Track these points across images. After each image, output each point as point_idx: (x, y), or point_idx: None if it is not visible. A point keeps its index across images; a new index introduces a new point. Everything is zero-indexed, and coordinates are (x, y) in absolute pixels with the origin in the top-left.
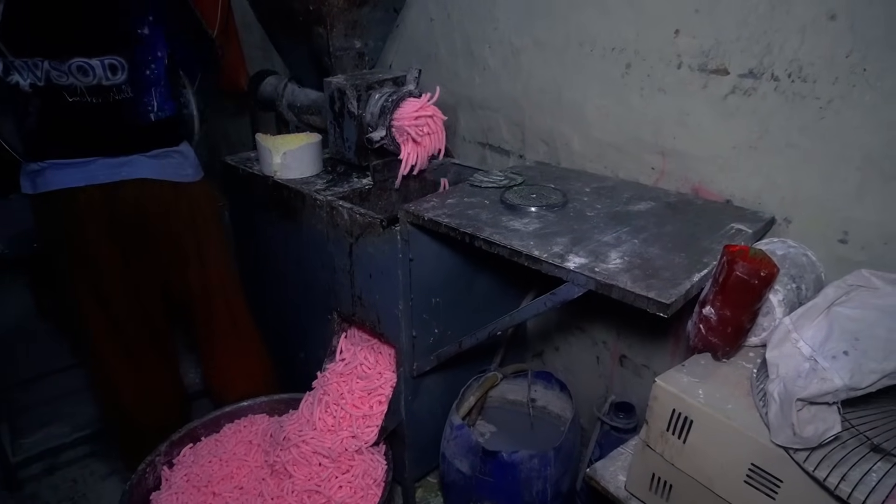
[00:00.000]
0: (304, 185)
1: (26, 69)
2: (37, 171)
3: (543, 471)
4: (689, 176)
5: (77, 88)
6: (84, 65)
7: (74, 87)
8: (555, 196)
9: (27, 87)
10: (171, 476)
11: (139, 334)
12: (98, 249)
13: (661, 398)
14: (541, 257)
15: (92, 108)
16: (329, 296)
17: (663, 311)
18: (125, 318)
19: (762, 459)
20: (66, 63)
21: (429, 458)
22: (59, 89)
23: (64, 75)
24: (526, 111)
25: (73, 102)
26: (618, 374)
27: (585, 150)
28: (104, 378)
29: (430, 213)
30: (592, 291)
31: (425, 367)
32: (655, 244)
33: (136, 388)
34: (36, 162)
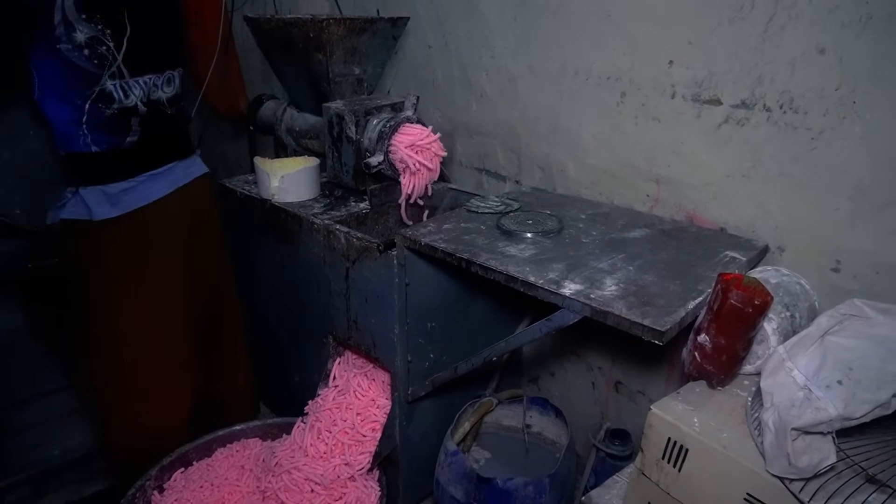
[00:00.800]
0: (301, 209)
1: (137, 87)
2: (126, 190)
3: (539, 498)
4: (684, 203)
5: (165, 100)
6: (171, 76)
7: (163, 100)
8: (550, 222)
9: (141, 105)
10: (161, 502)
11: (182, 347)
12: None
13: (657, 426)
14: (536, 283)
15: (172, 117)
16: (324, 319)
17: (658, 339)
18: (176, 331)
19: (757, 489)
20: (161, 76)
21: (423, 484)
22: (156, 103)
23: (158, 88)
24: (522, 137)
25: (167, 114)
26: (613, 400)
27: (581, 177)
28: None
29: (426, 239)
30: (588, 318)
31: (420, 392)
32: (650, 271)
33: (166, 406)
34: (125, 181)
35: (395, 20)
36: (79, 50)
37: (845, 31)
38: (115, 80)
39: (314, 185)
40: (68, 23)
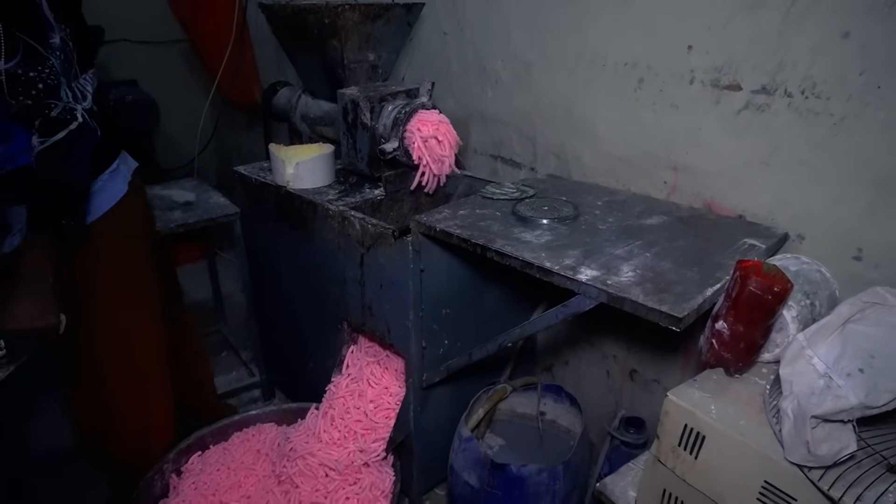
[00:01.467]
0: (316, 195)
1: (88, 83)
2: (94, 192)
3: (552, 485)
4: (702, 191)
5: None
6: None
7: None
8: (566, 209)
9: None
10: (179, 484)
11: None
12: (144, 258)
13: (673, 413)
14: (552, 269)
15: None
16: (339, 306)
17: (675, 325)
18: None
19: (775, 477)
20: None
21: (437, 470)
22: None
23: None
24: (537, 125)
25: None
26: (627, 389)
27: (597, 164)
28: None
29: (441, 224)
30: (604, 304)
31: (434, 379)
32: (667, 258)
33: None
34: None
35: (410, 6)
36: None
37: (870, 15)
38: (75, 80)
39: (329, 172)
40: (49, 27)
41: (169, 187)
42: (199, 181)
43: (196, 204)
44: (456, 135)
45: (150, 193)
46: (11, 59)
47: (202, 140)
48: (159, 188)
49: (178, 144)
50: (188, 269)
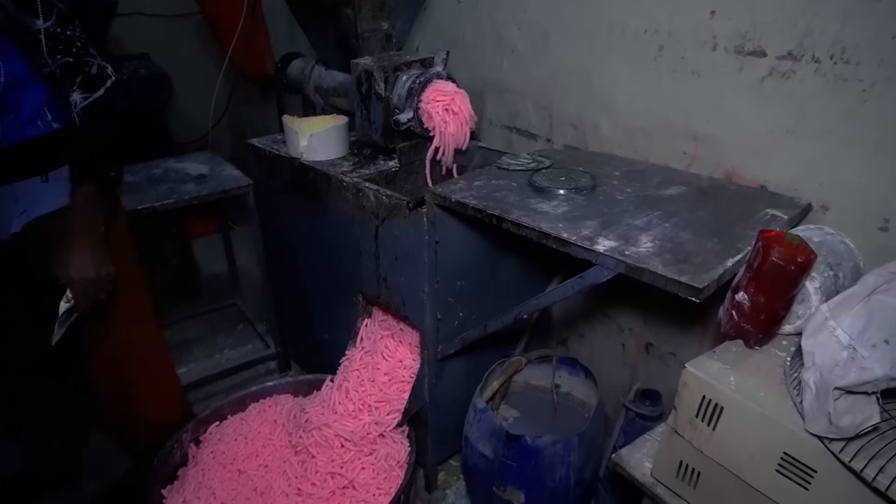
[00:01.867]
0: (330, 167)
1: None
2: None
3: (567, 456)
4: (722, 161)
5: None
6: None
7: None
8: (584, 179)
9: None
10: (197, 453)
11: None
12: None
13: (691, 384)
14: (570, 240)
15: None
16: (354, 278)
17: (695, 296)
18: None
19: (795, 449)
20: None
21: (451, 441)
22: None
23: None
24: (554, 95)
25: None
26: (643, 362)
27: (614, 135)
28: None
29: (457, 195)
30: (621, 276)
31: (449, 351)
32: (687, 229)
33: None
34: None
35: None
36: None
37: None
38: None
39: (343, 144)
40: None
41: (183, 160)
42: (212, 154)
43: (210, 176)
44: (471, 107)
45: (165, 167)
46: (48, 18)
47: (215, 114)
48: (173, 161)
49: (191, 118)
50: (203, 242)
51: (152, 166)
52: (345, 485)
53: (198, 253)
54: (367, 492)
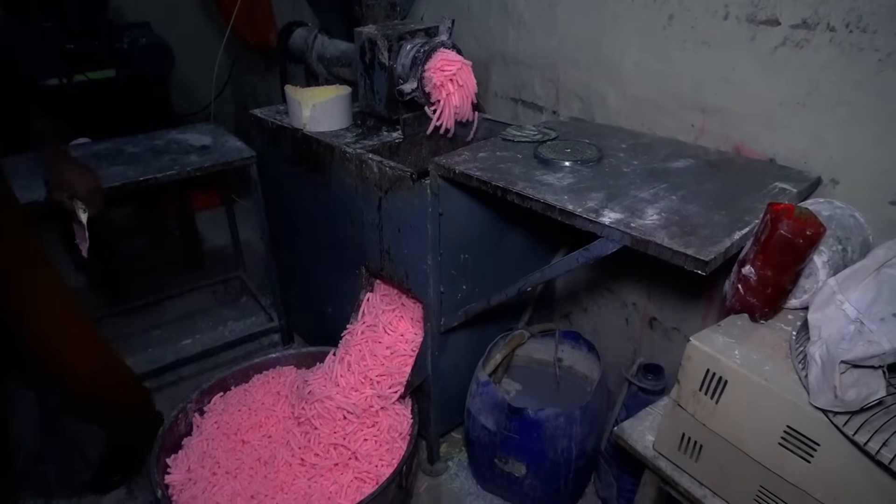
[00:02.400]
0: (333, 139)
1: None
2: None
3: (569, 429)
4: (731, 134)
5: None
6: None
7: None
8: (590, 151)
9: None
10: (202, 423)
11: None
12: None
13: (695, 358)
14: (575, 212)
15: None
16: (357, 250)
17: (701, 269)
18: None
19: (799, 422)
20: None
21: (453, 414)
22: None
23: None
24: (561, 66)
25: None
26: (647, 336)
27: (622, 107)
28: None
29: (461, 167)
30: (627, 249)
31: (452, 324)
32: (694, 201)
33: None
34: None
35: None
36: None
37: None
38: None
39: (346, 115)
40: None
41: (185, 131)
42: (215, 125)
43: (213, 148)
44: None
45: (167, 138)
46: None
47: (218, 85)
48: (176, 132)
49: (193, 89)
50: (206, 215)
51: (154, 137)
52: (348, 456)
53: (201, 226)
54: (369, 463)
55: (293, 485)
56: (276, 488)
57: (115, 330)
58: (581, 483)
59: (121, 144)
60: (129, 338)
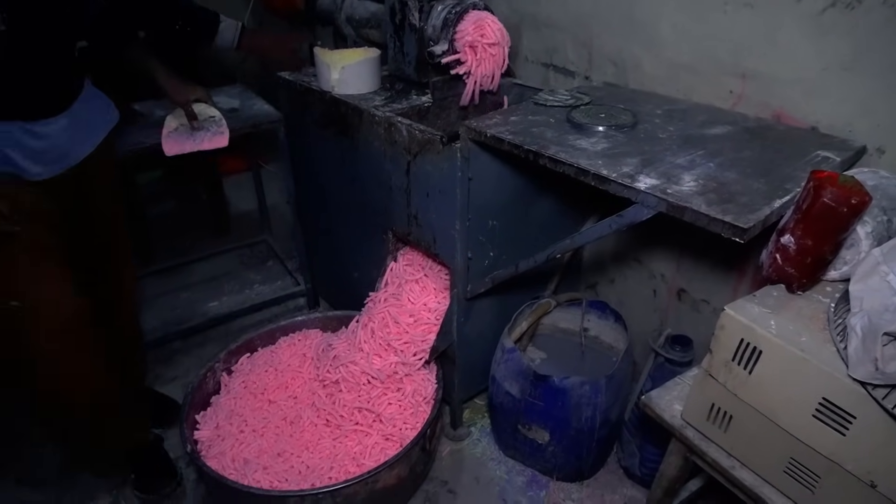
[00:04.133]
0: (361, 101)
1: None
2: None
3: (594, 398)
4: (771, 101)
5: None
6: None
7: None
8: (624, 116)
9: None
10: (229, 382)
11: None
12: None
13: (729, 327)
14: (609, 177)
15: None
16: (384, 215)
17: (739, 237)
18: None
19: (835, 394)
20: None
21: (477, 380)
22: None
23: None
24: (594, 30)
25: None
26: (674, 308)
27: (657, 72)
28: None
29: (492, 130)
30: (658, 218)
31: (479, 290)
32: (732, 169)
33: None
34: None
35: None
36: None
37: None
38: None
39: (375, 77)
40: None
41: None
42: (243, 88)
43: (240, 111)
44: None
45: None
46: None
47: None
48: None
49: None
50: (233, 180)
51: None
52: (372, 419)
53: (228, 190)
54: (393, 426)
55: (318, 444)
56: (302, 447)
57: (144, 291)
58: (603, 452)
59: (150, 107)
60: (157, 299)
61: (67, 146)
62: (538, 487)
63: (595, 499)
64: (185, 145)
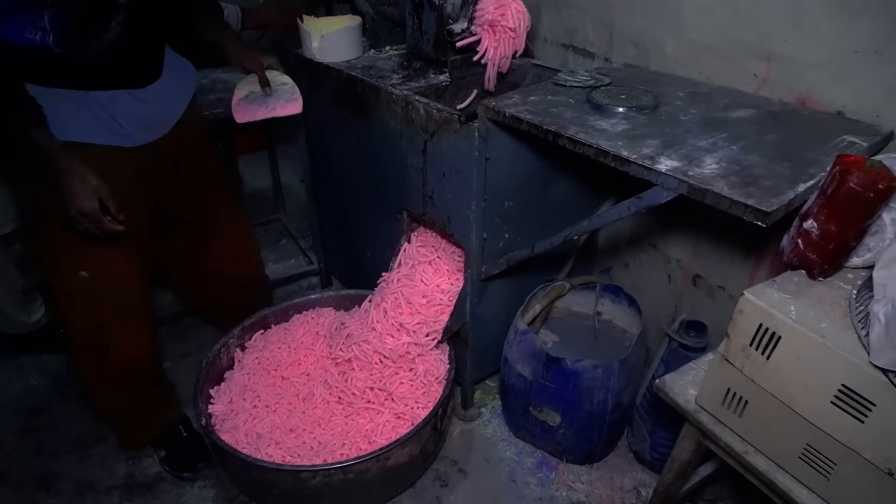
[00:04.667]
0: (378, 80)
1: None
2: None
3: (606, 381)
4: (796, 84)
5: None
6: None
7: None
8: (645, 98)
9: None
10: (243, 358)
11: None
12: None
13: (748, 312)
14: (630, 158)
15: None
16: (399, 195)
17: (762, 221)
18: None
19: (855, 381)
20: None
21: (489, 362)
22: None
23: None
24: (616, 9)
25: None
26: (689, 294)
27: (679, 54)
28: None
29: (511, 110)
30: (677, 203)
31: (493, 271)
32: (755, 152)
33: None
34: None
35: None
36: None
37: None
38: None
39: (356, 46)
40: None
41: (231, 71)
42: None
43: None
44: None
45: (212, 77)
46: None
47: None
48: (220, 72)
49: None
50: (249, 158)
51: (200, 76)
52: (384, 397)
53: (242, 169)
54: (405, 404)
55: (330, 421)
56: (314, 423)
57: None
58: (614, 436)
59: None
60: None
61: (164, 110)
62: (548, 469)
63: (605, 482)
64: (258, 112)
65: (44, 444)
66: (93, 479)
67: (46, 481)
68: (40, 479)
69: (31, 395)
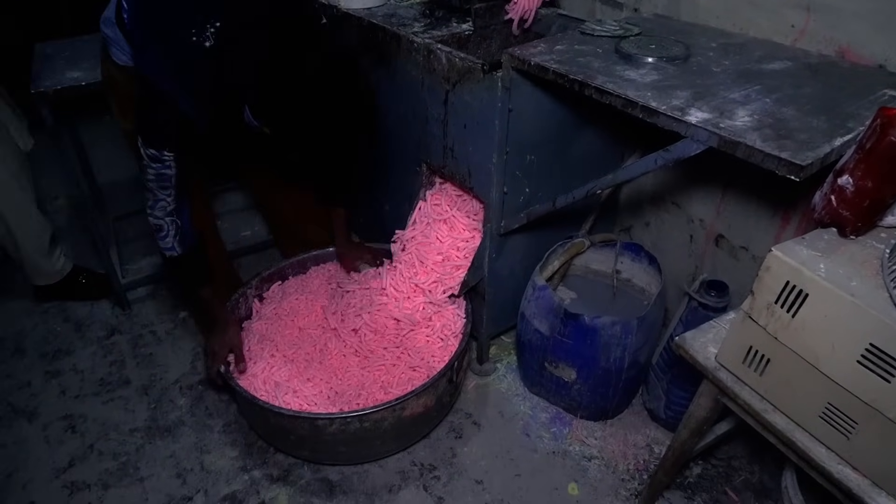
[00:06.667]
0: (400, 28)
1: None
2: None
3: (624, 339)
4: (836, 36)
5: None
6: None
7: None
8: (676, 48)
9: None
10: (261, 308)
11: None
12: None
13: (775, 269)
14: (658, 109)
15: None
16: (419, 147)
17: (796, 175)
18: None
19: (884, 341)
20: None
21: (506, 318)
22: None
23: None
24: None
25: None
26: (711, 254)
27: (712, 4)
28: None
29: (536, 59)
30: (710, 152)
31: (513, 226)
32: (790, 105)
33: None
34: None
35: None
36: None
37: None
38: None
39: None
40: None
41: None
42: None
43: None
44: None
45: None
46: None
47: None
48: None
49: None
50: None
51: None
52: (401, 350)
53: None
54: (421, 357)
55: (347, 372)
56: (331, 374)
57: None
58: (629, 393)
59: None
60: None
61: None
62: (562, 424)
63: (618, 438)
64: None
65: (69, 387)
66: (117, 422)
67: (72, 421)
68: (65, 418)
69: (55, 340)
